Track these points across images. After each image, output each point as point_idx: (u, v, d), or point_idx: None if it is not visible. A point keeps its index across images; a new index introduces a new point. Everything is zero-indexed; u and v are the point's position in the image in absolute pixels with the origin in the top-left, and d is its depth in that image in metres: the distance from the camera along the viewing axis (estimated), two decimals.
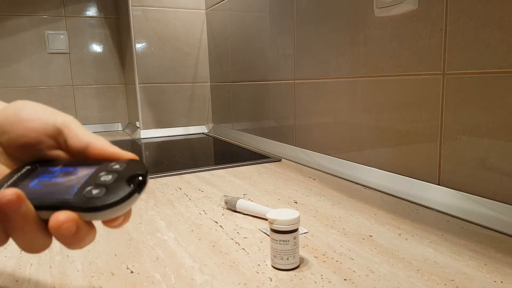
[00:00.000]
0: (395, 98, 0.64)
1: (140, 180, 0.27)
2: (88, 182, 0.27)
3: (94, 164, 0.29)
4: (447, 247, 0.43)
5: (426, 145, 0.59)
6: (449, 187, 0.56)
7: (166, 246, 0.45)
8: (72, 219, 0.25)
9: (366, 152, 0.71)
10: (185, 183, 0.72)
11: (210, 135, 1.38)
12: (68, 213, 0.25)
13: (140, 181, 0.27)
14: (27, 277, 0.38)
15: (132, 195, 0.26)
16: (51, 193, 0.27)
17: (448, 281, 0.36)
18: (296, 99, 0.91)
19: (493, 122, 0.50)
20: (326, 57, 0.79)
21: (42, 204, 0.26)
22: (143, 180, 0.27)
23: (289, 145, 0.96)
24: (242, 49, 1.16)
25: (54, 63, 1.52)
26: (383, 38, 0.65)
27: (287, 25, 0.91)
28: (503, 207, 0.49)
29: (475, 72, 0.51)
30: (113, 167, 0.28)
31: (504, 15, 0.47)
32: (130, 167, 0.28)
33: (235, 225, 0.51)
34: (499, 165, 0.50)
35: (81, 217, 0.26)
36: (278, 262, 0.38)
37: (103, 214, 0.26)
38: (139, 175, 0.27)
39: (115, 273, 0.39)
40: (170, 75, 1.39)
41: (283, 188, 0.68)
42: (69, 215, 0.25)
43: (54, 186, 0.27)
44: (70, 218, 0.25)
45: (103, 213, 0.26)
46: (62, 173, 0.29)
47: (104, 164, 0.29)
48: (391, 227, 0.49)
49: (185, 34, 1.39)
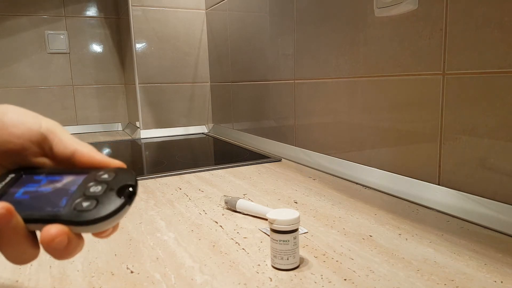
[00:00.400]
0: (395, 98, 0.64)
1: (130, 191, 0.26)
2: (77, 193, 0.26)
3: (81, 173, 0.28)
4: (447, 247, 0.43)
5: (426, 145, 0.59)
6: (449, 187, 0.56)
7: (166, 246, 0.45)
8: (63, 232, 0.25)
9: (366, 152, 0.71)
10: (185, 183, 0.72)
11: (210, 135, 1.38)
12: (59, 226, 0.25)
13: (130, 192, 0.26)
14: (27, 277, 0.38)
15: (123, 208, 0.26)
16: (40, 205, 0.26)
17: (448, 281, 0.36)
18: (296, 99, 0.91)
19: (493, 122, 0.50)
20: (326, 57, 0.79)
21: (31, 217, 0.25)
22: (133, 191, 0.27)
23: (289, 145, 0.96)
24: (242, 49, 1.16)
25: (54, 63, 1.52)
26: (383, 38, 0.65)
27: (287, 25, 0.91)
28: (503, 207, 0.49)
29: (475, 72, 0.51)
30: (102, 177, 0.27)
31: (504, 15, 0.47)
32: (119, 177, 0.27)
33: (235, 225, 0.51)
34: (499, 165, 0.50)
35: (72, 230, 0.25)
36: (278, 262, 0.38)
37: (95, 227, 0.25)
38: (129, 185, 0.27)
39: (115, 273, 0.39)
40: (170, 75, 1.39)
41: (283, 188, 0.68)
42: (61, 229, 0.25)
43: (42, 198, 0.27)
44: (62, 232, 0.25)
45: (95, 226, 0.25)
46: (48, 182, 0.28)
47: (92, 174, 0.28)
48: (391, 227, 0.49)
49: (185, 34, 1.39)
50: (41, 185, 0.28)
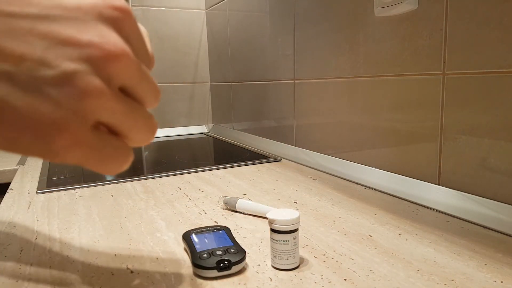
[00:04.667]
0: (395, 98, 0.64)
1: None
2: None
3: None
4: (447, 247, 0.43)
5: (426, 145, 0.59)
6: (449, 187, 0.56)
7: (166, 246, 0.45)
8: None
9: (366, 152, 0.71)
10: (185, 183, 0.72)
11: (210, 135, 1.38)
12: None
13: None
14: (27, 277, 0.38)
15: None
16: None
17: (448, 281, 0.36)
18: (296, 99, 0.91)
19: (493, 122, 0.50)
20: (326, 57, 0.79)
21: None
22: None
23: (289, 145, 0.96)
24: (242, 49, 1.16)
25: None
26: (383, 38, 0.65)
27: (287, 25, 0.91)
28: (503, 207, 0.49)
29: (475, 72, 0.51)
30: None
31: (504, 15, 0.47)
32: None
33: (235, 225, 0.51)
34: (499, 165, 0.50)
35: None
36: (278, 262, 0.38)
37: None
38: None
39: (115, 273, 0.39)
40: (170, 75, 1.39)
41: (283, 188, 0.68)
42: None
43: None
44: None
45: None
46: None
47: None
48: (391, 227, 0.49)
49: (185, 34, 1.39)
50: None
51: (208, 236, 0.43)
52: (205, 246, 0.40)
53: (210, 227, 0.45)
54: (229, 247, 0.39)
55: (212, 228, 0.45)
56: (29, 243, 0.46)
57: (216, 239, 0.42)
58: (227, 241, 0.41)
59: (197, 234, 0.43)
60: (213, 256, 0.38)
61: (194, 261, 0.37)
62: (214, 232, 0.43)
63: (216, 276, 0.37)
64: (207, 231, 0.44)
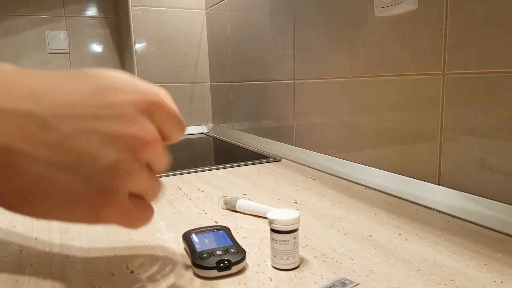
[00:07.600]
0: (395, 98, 0.64)
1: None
2: None
3: None
4: (447, 247, 0.43)
5: (426, 145, 0.59)
6: (449, 187, 0.56)
7: (166, 246, 0.45)
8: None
9: (366, 152, 0.71)
10: (185, 183, 0.72)
11: (210, 135, 1.38)
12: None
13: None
14: (27, 277, 0.38)
15: None
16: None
17: (448, 281, 0.36)
18: (296, 99, 0.91)
19: (493, 122, 0.50)
20: (326, 57, 0.79)
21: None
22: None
23: (289, 145, 0.96)
24: (242, 49, 1.16)
25: (54, 63, 1.52)
26: (383, 38, 0.65)
27: (287, 25, 0.91)
28: (503, 207, 0.49)
29: (475, 72, 0.51)
30: None
31: (504, 15, 0.47)
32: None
33: (235, 225, 0.51)
34: (499, 165, 0.50)
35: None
36: (278, 262, 0.38)
37: None
38: None
39: (115, 273, 0.39)
40: (170, 75, 1.39)
41: (283, 188, 0.68)
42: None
43: None
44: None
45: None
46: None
47: None
48: (391, 227, 0.49)
49: (185, 34, 1.39)
50: None
51: (208, 236, 0.43)
52: (205, 246, 0.40)
53: (210, 227, 0.45)
54: (229, 247, 0.39)
55: (212, 228, 0.45)
56: (29, 243, 0.46)
57: (216, 239, 0.42)
58: (227, 241, 0.41)
59: (197, 234, 0.43)
60: (213, 256, 0.38)
61: (194, 261, 0.37)
62: (214, 232, 0.43)
63: (216, 276, 0.37)
64: (207, 231, 0.44)
